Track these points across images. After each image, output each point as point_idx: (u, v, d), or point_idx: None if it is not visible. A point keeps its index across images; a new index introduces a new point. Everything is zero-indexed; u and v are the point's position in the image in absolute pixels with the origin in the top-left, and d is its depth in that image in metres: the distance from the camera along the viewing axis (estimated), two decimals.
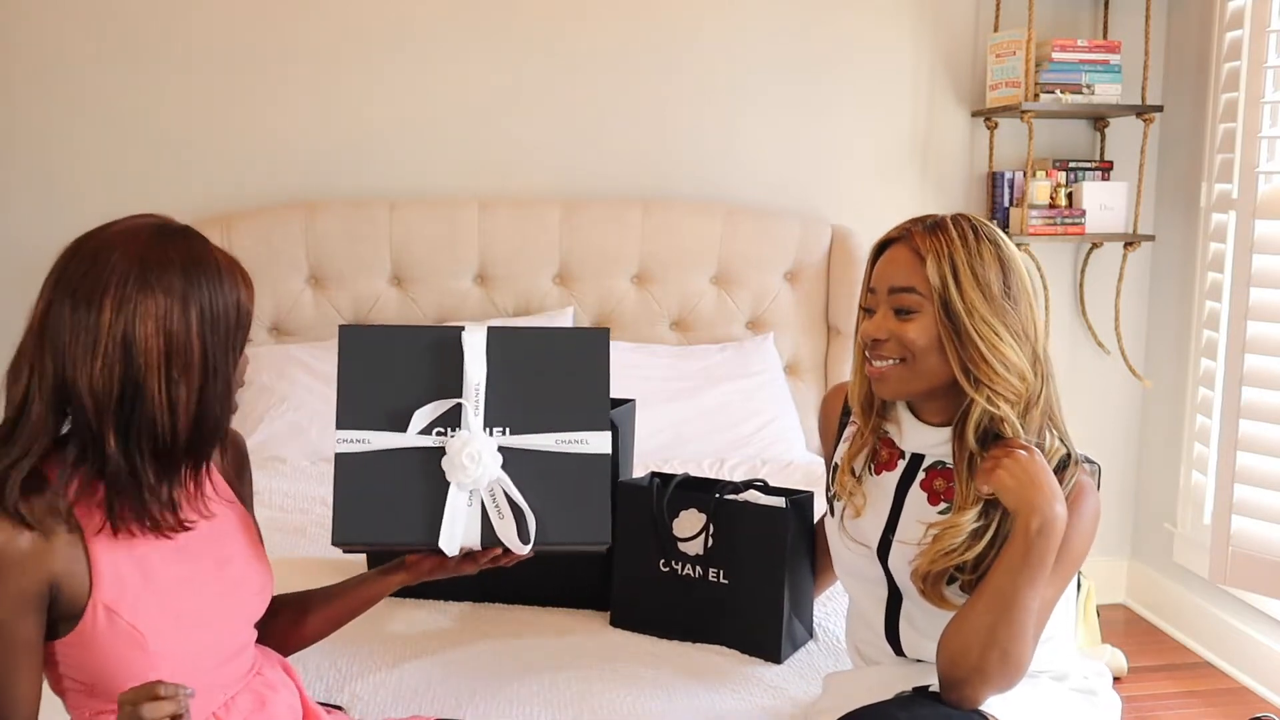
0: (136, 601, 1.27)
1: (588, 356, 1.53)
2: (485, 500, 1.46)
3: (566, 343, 1.55)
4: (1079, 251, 3.47)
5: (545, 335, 1.57)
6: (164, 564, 1.31)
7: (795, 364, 3.24)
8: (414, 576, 1.53)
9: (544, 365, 1.51)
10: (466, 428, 1.46)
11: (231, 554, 1.40)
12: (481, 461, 1.44)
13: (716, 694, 1.70)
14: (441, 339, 1.49)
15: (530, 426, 1.49)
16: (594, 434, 1.51)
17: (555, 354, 1.52)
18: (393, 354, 1.48)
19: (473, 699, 1.67)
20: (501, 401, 1.48)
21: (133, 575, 1.28)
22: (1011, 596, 1.40)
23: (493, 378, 1.48)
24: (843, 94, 3.32)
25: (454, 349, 1.48)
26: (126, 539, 1.28)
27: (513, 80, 3.18)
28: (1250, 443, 2.79)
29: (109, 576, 1.26)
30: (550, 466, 1.49)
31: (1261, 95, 2.80)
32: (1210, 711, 2.94)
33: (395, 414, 1.46)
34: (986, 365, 1.45)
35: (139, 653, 1.26)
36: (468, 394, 1.47)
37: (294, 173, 3.12)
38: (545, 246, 3.11)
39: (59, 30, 2.99)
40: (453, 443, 1.45)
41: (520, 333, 1.53)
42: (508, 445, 1.47)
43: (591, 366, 1.53)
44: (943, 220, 1.51)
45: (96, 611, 1.25)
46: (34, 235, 2.99)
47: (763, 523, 1.80)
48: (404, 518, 1.46)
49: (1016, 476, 1.42)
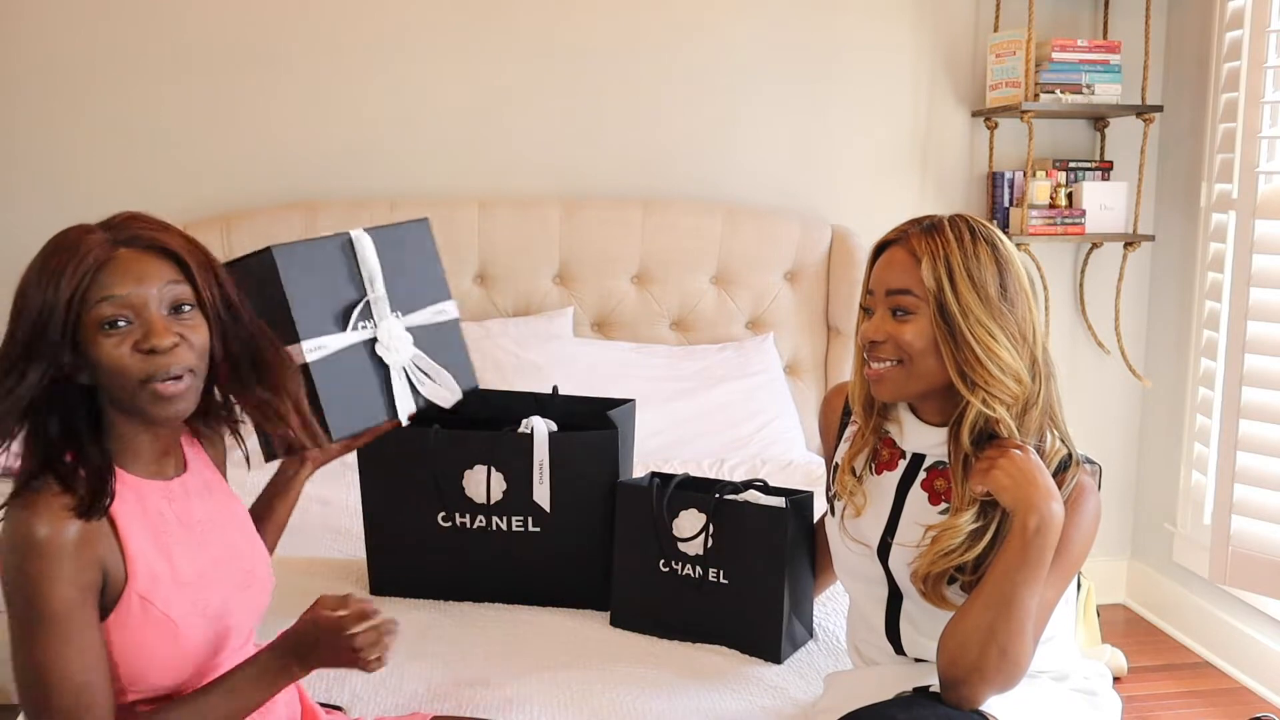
0: (167, 592, 1.29)
1: (421, 241, 1.84)
2: (410, 372, 1.74)
3: (405, 233, 1.81)
4: (1079, 251, 3.47)
5: (391, 231, 1.79)
6: (187, 555, 1.33)
7: (795, 364, 3.24)
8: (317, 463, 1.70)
9: (400, 255, 1.76)
10: (383, 318, 1.71)
11: (240, 545, 1.43)
12: (406, 343, 1.73)
13: (716, 694, 1.70)
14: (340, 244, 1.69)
15: (412, 306, 1.77)
16: (448, 303, 1.85)
17: (402, 244, 1.78)
18: (313, 264, 1.65)
19: (473, 699, 1.67)
20: (391, 290, 1.73)
21: (161, 566, 1.29)
22: (1010, 595, 1.40)
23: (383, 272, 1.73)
24: (843, 94, 3.32)
25: (348, 250, 1.70)
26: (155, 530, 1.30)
27: (513, 80, 3.18)
28: (1250, 443, 2.80)
29: (142, 566, 1.27)
30: (432, 336, 1.79)
31: (1261, 95, 2.81)
32: (1210, 711, 2.94)
33: (330, 317, 1.65)
34: (982, 368, 1.45)
35: (169, 642, 1.28)
36: (376, 289, 1.70)
37: (294, 173, 3.12)
38: (545, 246, 3.11)
39: (59, 30, 2.99)
40: (381, 332, 1.70)
41: (379, 233, 1.75)
42: (407, 325, 1.75)
43: (426, 249, 1.85)
44: (940, 221, 1.51)
45: (132, 600, 1.26)
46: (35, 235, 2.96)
47: (763, 523, 1.80)
48: (371, 401, 1.69)
49: (1012, 476, 1.42)
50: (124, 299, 1.25)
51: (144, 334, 1.25)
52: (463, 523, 1.95)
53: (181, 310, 1.29)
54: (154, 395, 1.26)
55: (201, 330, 1.30)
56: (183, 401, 1.28)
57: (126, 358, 1.25)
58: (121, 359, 1.24)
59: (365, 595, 1.20)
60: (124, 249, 1.27)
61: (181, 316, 1.29)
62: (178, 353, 1.27)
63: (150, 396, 1.26)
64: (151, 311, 1.26)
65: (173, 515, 1.34)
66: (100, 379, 1.26)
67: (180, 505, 1.36)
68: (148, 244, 1.28)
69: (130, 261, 1.27)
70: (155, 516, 1.32)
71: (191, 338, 1.29)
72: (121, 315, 1.25)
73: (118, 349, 1.24)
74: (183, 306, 1.29)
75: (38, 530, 1.20)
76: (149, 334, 1.25)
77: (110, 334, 1.24)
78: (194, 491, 1.38)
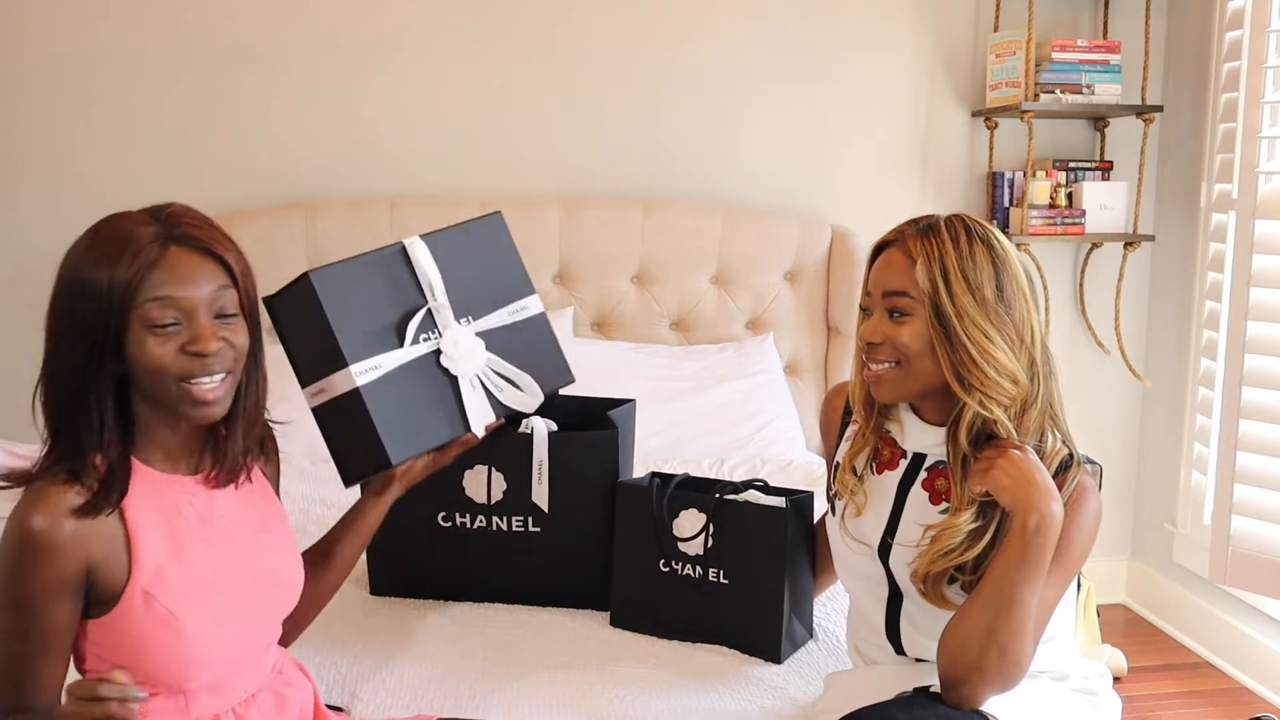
0: (175, 588, 1.29)
1: (495, 237, 1.76)
2: (484, 381, 1.66)
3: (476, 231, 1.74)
4: (1079, 251, 3.47)
5: (459, 230, 1.72)
6: (203, 553, 1.33)
7: (795, 364, 3.24)
8: (406, 483, 1.64)
9: (469, 256, 1.70)
10: (447, 326, 1.63)
11: (268, 545, 1.42)
12: (474, 350, 1.65)
13: (716, 694, 1.70)
14: (389, 257, 1.63)
15: (485, 309, 1.71)
16: (530, 298, 1.79)
17: (472, 244, 1.72)
18: (359, 283, 1.59)
19: (473, 699, 1.67)
20: (457, 295, 1.66)
21: (171, 563, 1.30)
22: (1010, 595, 1.40)
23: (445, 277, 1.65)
24: (843, 94, 3.32)
25: (400, 261, 1.63)
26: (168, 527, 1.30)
27: (513, 80, 3.18)
28: (1250, 443, 2.80)
29: (148, 562, 1.28)
30: (512, 336, 1.73)
31: (1261, 95, 2.80)
32: (1210, 711, 2.94)
33: (384, 334, 1.59)
34: (977, 369, 1.45)
35: (174, 638, 1.28)
36: (436, 297, 1.63)
37: (294, 173, 3.12)
38: (545, 246, 3.11)
39: (60, 30, 2.99)
40: (445, 342, 1.63)
41: (444, 235, 1.69)
42: (479, 330, 1.68)
43: (502, 244, 1.76)
44: (936, 222, 1.51)
45: (134, 595, 1.27)
46: (35, 235, 2.99)
47: (763, 523, 1.80)
48: (434, 420, 1.62)
49: (1011, 475, 1.42)
50: (175, 301, 1.26)
51: (192, 338, 1.27)
52: (463, 523, 1.95)
53: (226, 315, 1.30)
54: (190, 395, 1.28)
55: (243, 335, 1.32)
56: (218, 405, 1.30)
57: (169, 358, 1.26)
58: (164, 359, 1.26)
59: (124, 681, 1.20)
60: (175, 247, 1.28)
61: (227, 321, 1.30)
62: (221, 355, 1.29)
63: (187, 396, 1.28)
64: (201, 316, 1.28)
65: (193, 512, 1.34)
66: (137, 373, 1.27)
67: (203, 502, 1.36)
68: (200, 245, 1.29)
69: (182, 262, 1.27)
70: (172, 512, 1.32)
71: (234, 340, 1.31)
72: (171, 317, 1.26)
73: (161, 348, 1.26)
74: (228, 311, 1.30)
75: (33, 521, 1.22)
76: (196, 338, 1.27)
77: (157, 334, 1.26)
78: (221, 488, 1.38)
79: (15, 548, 1.23)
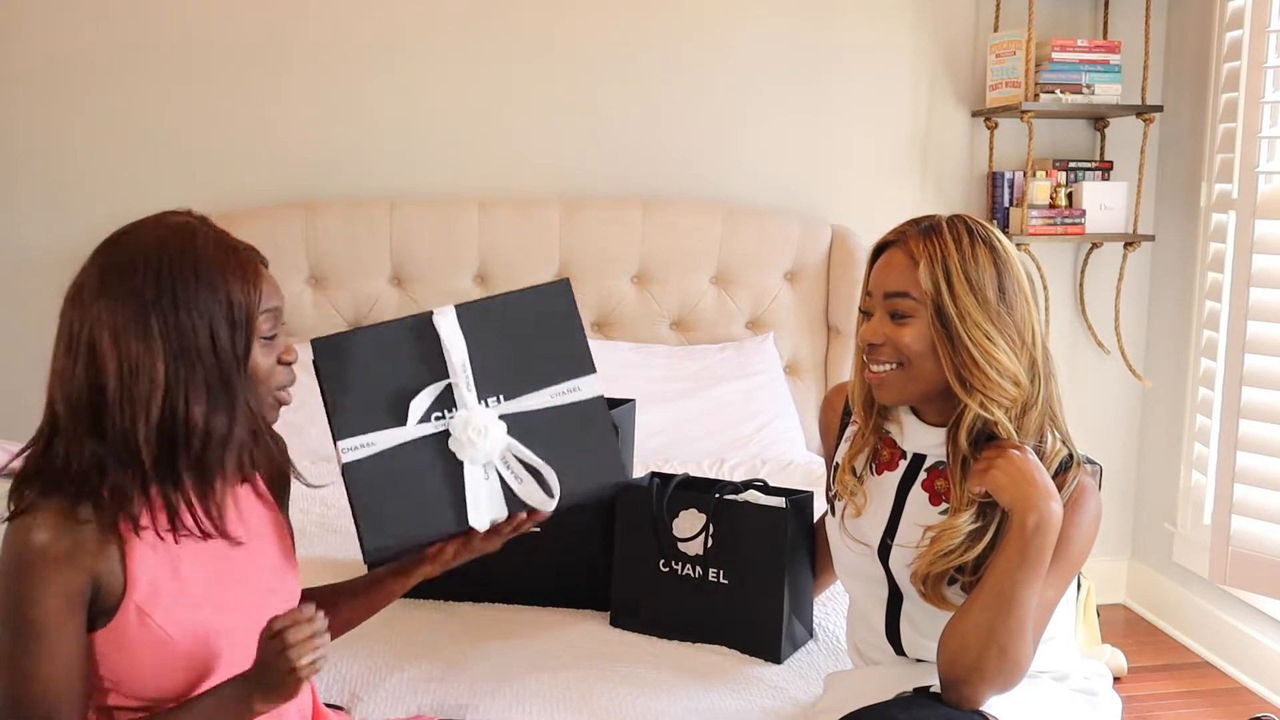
0: (169, 606, 1.27)
1: (555, 308, 1.56)
2: (500, 470, 1.46)
3: (532, 300, 1.55)
4: (1079, 251, 3.47)
5: (511, 299, 1.55)
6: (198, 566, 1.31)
7: (795, 364, 3.24)
8: (439, 566, 1.51)
9: (517, 327, 1.52)
10: (463, 405, 1.46)
11: (264, 563, 1.40)
12: (488, 434, 1.45)
13: (716, 694, 1.70)
14: (413, 327, 1.48)
15: (522, 389, 1.50)
16: (584, 379, 1.54)
17: (524, 314, 1.53)
18: (369, 353, 1.47)
19: (473, 699, 1.67)
20: (488, 372, 1.49)
21: (167, 580, 1.28)
22: (1009, 594, 1.40)
23: (473, 351, 1.48)
24: (843, 94, 3.32)
25: (427, 333, 1.48)
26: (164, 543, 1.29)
27: (513, 80, 3.18)
28: (1250, 443, 2.80)
29: (144, 579, 1.26)
30: (552, 422, 1.50)
31: (1261, 95, 2.81)
32: (1210, 711, 2.94)
33: (391, 410, 1.45)
34: (980, 371, 1.45)
35: (163, 653, 1.27)
36: (455, 373, 1.46)
37: (294, 173, 3.12)
38: (545, 246, 3.11)
39: (59, 30, 2.99)
40: (455, 423, 1.45)
41: (486, 303, 1.53)
42: (507, 412, 1.48)
43: (562, 316, 1.56)
44: (938, 223, 1.51)
45: (129, 611, 1.26)
46: (35, 236, 2.99)
47: (763, 523, 1.80)
48: (429, 510, 1.45)
49: (1010, 475, 1.42)
50: (278, 312, 1.32)
51: (286, 347, 1.35)
52: None
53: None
54: (280, 403, 1.36)
55: None
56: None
57: (269, 369, 1.32)
58: (270, 368, 1.32)
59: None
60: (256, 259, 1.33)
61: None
62: None
63: (276, 405, 1.35)
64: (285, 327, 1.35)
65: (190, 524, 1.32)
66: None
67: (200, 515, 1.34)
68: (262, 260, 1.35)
69: (268, 274, 1.34)
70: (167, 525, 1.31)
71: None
72: (277, 328, 1.32)
73: (268, 359, 1.31)
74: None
75: (35, 537, 1.21)
76: (290, 348, 1.35)
77: (266, 345, 1.31)
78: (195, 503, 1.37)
79: (22, 569, 1.21)
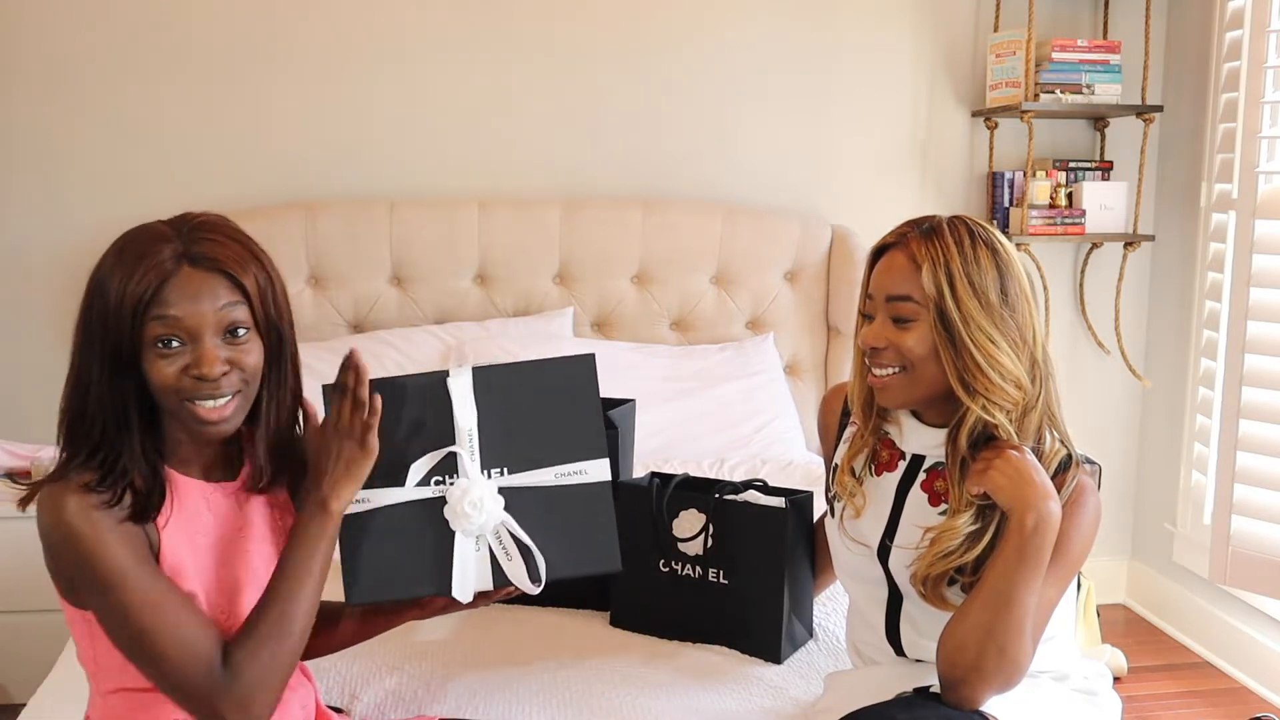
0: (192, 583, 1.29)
1: (576, 384, 1.49)
2: (492, 544, 1.44)
3: (553, 372, 1.50)
4: (1079, 252, 3.47)
5: (530, 368, 1.50)
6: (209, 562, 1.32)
7: (795, 364, 3.24)
8: (428, 614, 1.52)
9: (533, 399, 1.47)
10: (464, 474, 1.43)
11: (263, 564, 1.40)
12: (484, 508, 1.42)
13: (716, 694, 1.71)
14: (426, 386, 1.45)
15: (528, 464, 1.46)
16: (592, 463, 1.48)
17: (543, 385, 1.48)
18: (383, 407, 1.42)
19: (473, 699, 1.67)
20: (496, 442, 1.45)
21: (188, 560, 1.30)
22: (1008, 594, 1.40)
23: (484, 419, 1.45)
24: (843, 94, 3.32)
25: (440, 393, 1.45)
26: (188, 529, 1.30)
27: (513, 80, 3.18)
28: (1250, 443, 2.80)
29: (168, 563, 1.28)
30: (553, 501, 1.46)
31: (1261, 95, 2.81)
32: (1210, 711, 2.94)
33: (391, 469, 1.42)
34: (983, 375, 1.45)
35: None
36: (461, 440, 1.43)
37: (294, 173, 3.12)
38: (545, 246, 3.11)
39: (59, 31, 2.99)
40: (453, 491, 1.42)
41: (505, 369, 1.49)
42: (508, 485, 1.44)
43: (581, 393, 1.49)
44: (939, 225, 1.50)
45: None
46: (35, 236, 2.98)
47: (762, 523, 1.80)
48: (415, 571, 1.43)
49: (1008, 476, 1.42)
50: (178, 320, 1.25)
51: (194, 360, 1.25)
52: None
53: (237, 333, 1.29)
54: (195, 415, 1.27)
55: (255, 353, 1.31)
56: (224, 423, 1.29)
57: (173, 378, 1.25)
58: (168, 378, 1.25)
59: None
60: (188, 266, 1.26)
61: (236, 340, 1.28)
62: (226, 379, 1.27)
63: (192, 415, 1.27)
64: (205, 338, 1.26)
65: (210, 518, 1.33)
66: (149, 387, 1.27)
67: (219, 510, 1.35)
68: (212, 265, 1.27)
69: (191, 280, 1.26)
70: (191, 515, 1.32)
71: (244, 360, 1.29)
72: (175, 335, 1.25)
73: (168, 368, 1.25)
74: (238, 329, 1.29)
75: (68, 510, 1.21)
76: (199, 361, 1.25)
77: (163, 352, 1.25)
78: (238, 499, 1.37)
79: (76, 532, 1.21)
